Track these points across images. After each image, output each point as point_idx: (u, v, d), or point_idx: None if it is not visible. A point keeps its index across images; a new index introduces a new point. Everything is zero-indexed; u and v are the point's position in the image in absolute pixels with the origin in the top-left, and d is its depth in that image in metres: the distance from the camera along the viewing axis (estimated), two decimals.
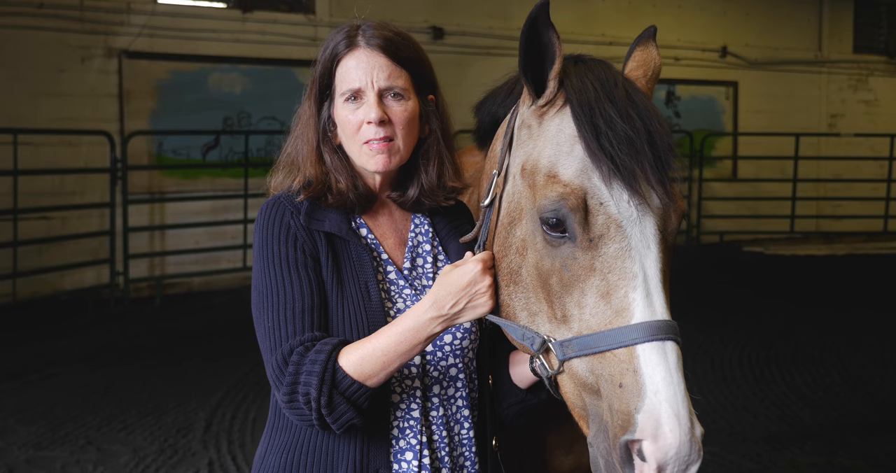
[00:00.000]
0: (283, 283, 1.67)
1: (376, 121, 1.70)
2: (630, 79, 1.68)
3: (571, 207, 1.49)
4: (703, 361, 6.73)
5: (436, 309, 1.59)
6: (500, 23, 12.00)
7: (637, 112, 1.52)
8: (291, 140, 1.85)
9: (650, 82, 1.74)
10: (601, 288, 1.47)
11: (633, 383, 1.40)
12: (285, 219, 1.72)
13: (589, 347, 1.46)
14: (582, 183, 1.50)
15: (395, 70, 1.74)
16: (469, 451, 1.78)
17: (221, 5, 10.26)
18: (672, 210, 1.53)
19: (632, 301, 1.44)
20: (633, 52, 1.79)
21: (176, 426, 5.25)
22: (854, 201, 14.03)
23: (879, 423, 5.38)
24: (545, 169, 1.55)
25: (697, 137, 13.13)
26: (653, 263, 1.47)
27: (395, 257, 1.81)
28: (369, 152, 1.72)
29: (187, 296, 9.50)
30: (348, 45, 1.75)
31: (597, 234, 1.48)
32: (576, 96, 1.55)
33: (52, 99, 9.13)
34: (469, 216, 1.96)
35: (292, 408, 1.61)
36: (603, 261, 1.47)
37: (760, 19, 14.28)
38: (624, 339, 1.42)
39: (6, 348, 6.97)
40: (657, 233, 1.49)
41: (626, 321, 1.43)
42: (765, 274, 11.13)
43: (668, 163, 1.50)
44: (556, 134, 1.57)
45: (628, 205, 1.47)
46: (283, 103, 10.35)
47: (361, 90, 1.72)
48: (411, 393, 1.72)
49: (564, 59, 1.65)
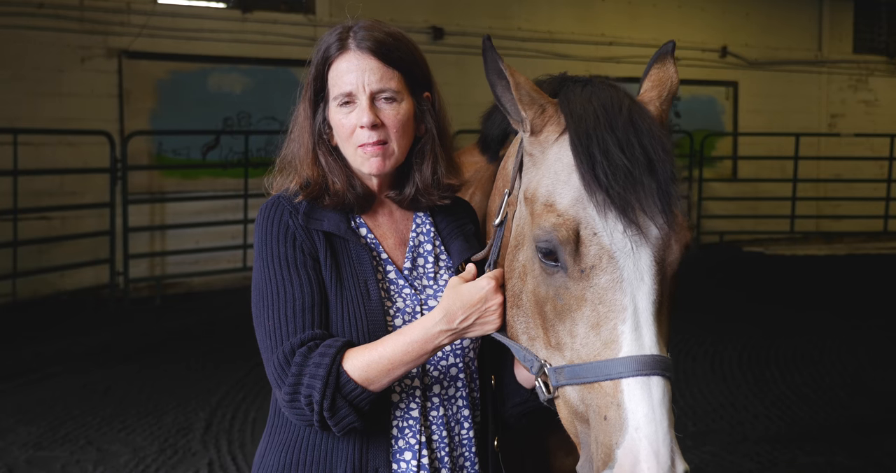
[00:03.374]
0: (283, 282, 1.68)
1: (368, 125, 1.70)
2: (641, 101, 1.63)
3: (562, 239, 1.48)
4: (703, 361, 6.73)
5: (446, 323, 1.60)
6: (500, 23, 12.00)
7: (639, 139, 1.48)
8: (288, 142, 1.85)
9: (665, 103, 1.68)
10: (591, 319, 1.46)
11: (617, 417, 1.38)
12: (284, 218, 1.73)
13: (579, 377, 1.45)
14: (577, 212, 1.49)
15: (387, 72, 1.73)
16: (469, 451, 1.78)
17: (221, 5, 10.26)
18: (674, 240, 1.50)
19: (620, 333, 1.43)
20: (649, 70, 1.73)
21: (176, 426, 5.25)
22: (854, 201, 14.03)
23: (879, 423, 5.38)
24: (543, 197, 1.55)
25: (697, 137, 13.13)
26: (645, 296, 1.45)
27: (395, 257, 1.81)
28: (364, 155, 1.73)
29: (187, 296, 9.49)
30: (339, 49, 1.74)
31: (589, 265, 1.47)
32: (574, 125, 1.52)
33: (52, 99, 9.13)
34: (472, 214, 1.96)
35: (293, 408, 1.61)
36: (594, 292, 1.46)
37: (760, 19, 14.28)
38: (610, 372, 1.40)
39: (6, 348, 6.97)
40: (653, 265, 1.47)
41: (614, 354, 1.42)
42: (765, 274, 11.13)
43: (668, 192, 1.46)
44: (554, 162, 1.56)
45: (622, 236, 1.45)
46: (283, 103, 10.26)
47: (353, 94, 1.72)
48: (411, 392, 1.73)
49: (572, 81, 1.63)
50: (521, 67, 1.74)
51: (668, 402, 1.39)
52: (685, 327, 7.48)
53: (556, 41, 12.49)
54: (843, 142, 14.56)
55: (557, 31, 12.52)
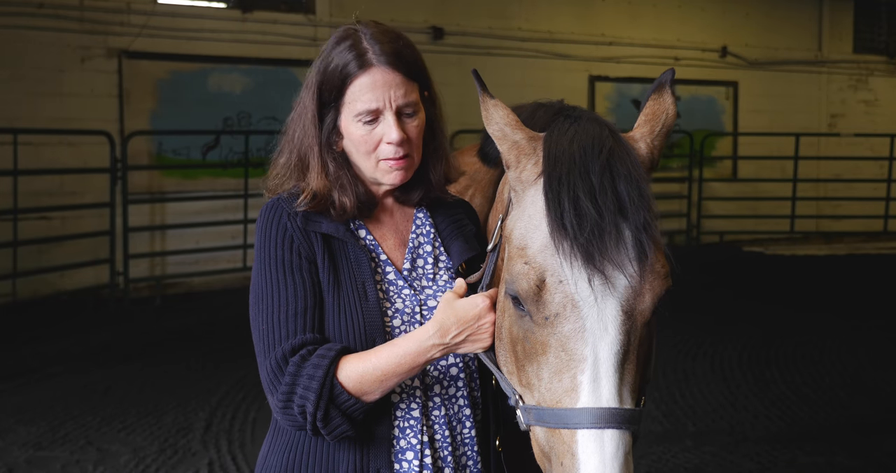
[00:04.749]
0: (279, 286, 1.68)
1: (397, 142, 1.71)
2: (631, 138, 1.61)
3: (522, 291, 1.48)
4: (703, 361, 6.73)
5: (439, 337, 1.60)
6: (500, 23, 12.00)
7: (614, 184, 1.45)
8: (287, 144, 1.83)
9: (658, 138, 1.63)
10: (554, 366, 1.46)
11: (571, 465, 1.40)
12: (282, 220, 1.73)
13: (543, 420, 1.47)
14: (545, 259, 1.48)
15: (409, 86, 1.74)
16: (471, 450, 1.79)
17: (221, 5, 10.26)
18: (647, 288, 1.47)
19: (579, 383, 1.43)
20: (646, 102, 1.67)
21: (176, 426, 5.25)
22: (854, 201, 14.03)
23: (879, 423, 5.38)
24: (517, 239, 1.55)
25: (697, 137, 13.13)
26: (607, 346, 1.43)
27: (395, 258, 1.82)
28: (387, 169, 1.75)
29: (187, 296, 9.49)
30: (360, 66, 1.71)
31: (553, 312, 1.46)
32: (549, 169, 1.50)
33: (52, 99, 9.13)
34: (472, 215, 1.96)
35: (286, 415, 1.62)
36: (557, 340, 1.46)
37: (760, 19, 14.28)
38: (568, 422, 1.42)
39: (6, 348, 6.97)
40: (619, 315, 1.44)
41: (573, 403, 1.43)
42: (765, 274, 11.13)
43: (640, 240, 1.44)
44: (529, 205, 1.55)
45: (588, 286, 1.43)
46: (283, 103, 10.23)
47: (380, 110, 1.71)
48: (411, 392, 1.73)
49: (564, 115, 1.63)
50: (521, 67, 1.74)
51: (623, 455, 1.39)
52: (685, 327, 7.49)
53: (556, 41, 12.49)
54: (843, 142, 14.56)
55: (557, 31, 12.52)
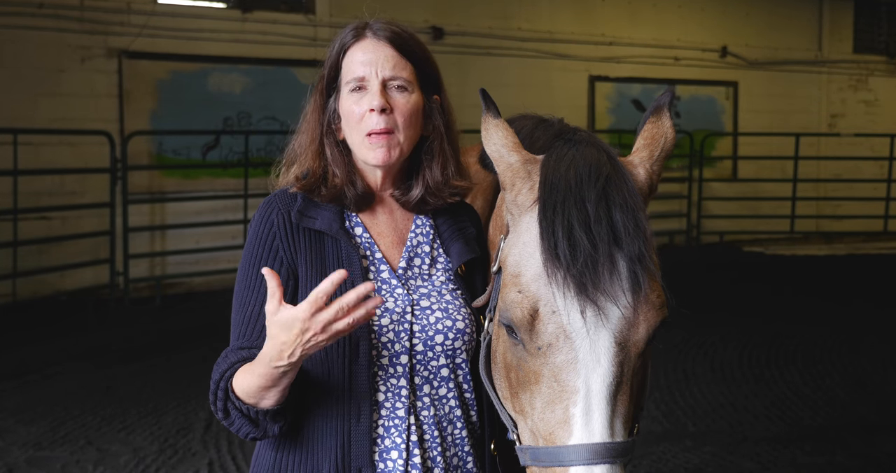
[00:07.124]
0: (247, 285, 1.72)
1: (378, 108, 1.70)
2: (629, 162, 1.59)
3: (517, 320, 1.47)
4: (703, 361, 6.73)
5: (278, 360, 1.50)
6: (500, 23, 12.00)
7: (609, 214, 1.43)
8: (296, 135, 1.86)
9: (657, 163, 1.60)
10: (547, 396, 1.46)
11: None
12: (271, 217, 1.74)
13: (539, 460, 1.47)
14: (538, 288, 1.47)
15: (401, 61, 1.75)
16: (462, 451, 1.78)
17: (221, 5, 10.26)
18: (641, 318, 1.45)
19: (571, 416, 1.43)
20: (644, 125, 1.64)
21: (176, 426, 5.25)
22: (854, 201, 14.02)
23: (879, 423, 5.39)
24: (511, 266, 1.53)
25: (697, 137, 13.13)
26: (599, 378, 1.43)
27: (391, 256, 1.80)
28: (370, 145, 1.73)
29: (187, 296, 9.49)
30: (355, 36, 1.77)
31: (546, 342, 1.45)
32: (545, 196, 1.48)
33: (52, 99, 9.13)
34: (474, 218, 1.94)
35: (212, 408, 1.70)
36: (550, 370, 1.45)
37: (760, 19, 14.28)
38: (562, 460, 1.42)
39: (6, 348, 6.97)
40: (612, 347, 1.43)
41: (566, 438, 1.42)
42: (765, 274, 11.13)
43: (634, 271, 1.42)
44: (524, 232, 1.54)
45: (580, 317, 1.42)
46: (283, 103, 10.35)
47: (366, 78, 1.73)
48: (396, 392, 1.72)
49: (564, 138, 1.60)
50: (521, 67, 1.73)
51: None
52: (685, 327, 7.49)
53: (556, 41, 12.49)
54: (843, 142, 14.55)
55: (557, 31, 12.52)
